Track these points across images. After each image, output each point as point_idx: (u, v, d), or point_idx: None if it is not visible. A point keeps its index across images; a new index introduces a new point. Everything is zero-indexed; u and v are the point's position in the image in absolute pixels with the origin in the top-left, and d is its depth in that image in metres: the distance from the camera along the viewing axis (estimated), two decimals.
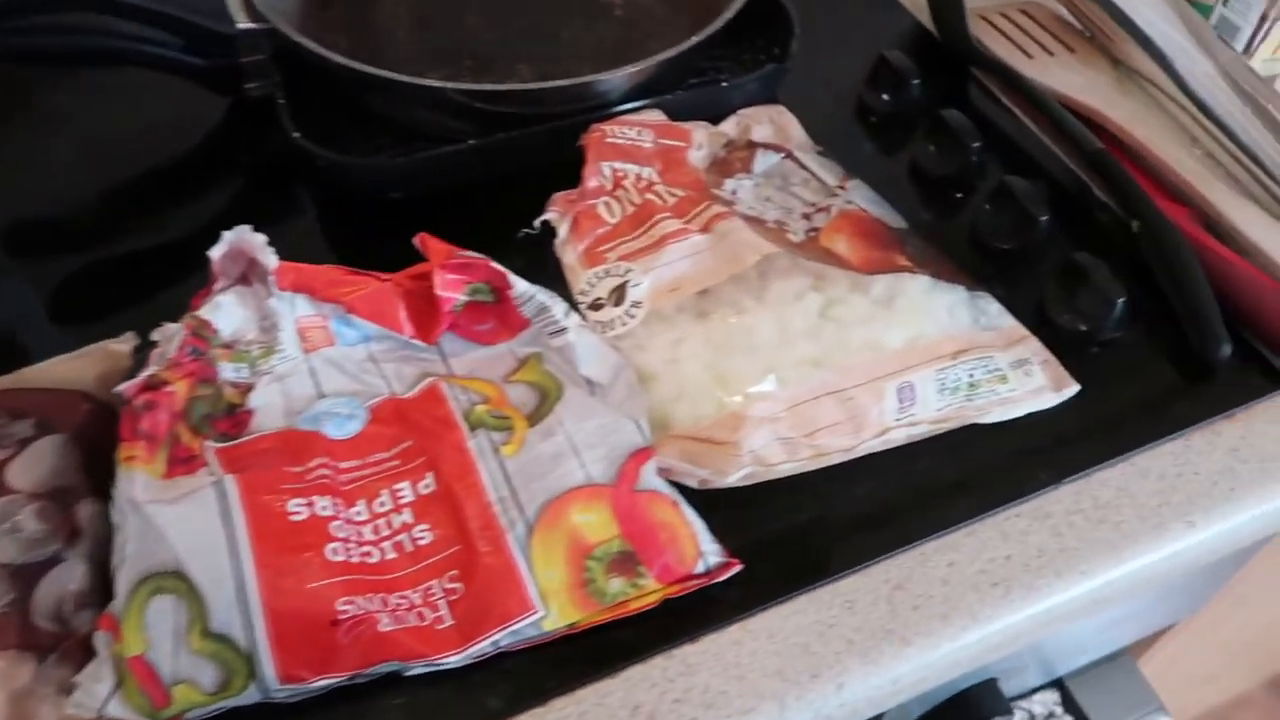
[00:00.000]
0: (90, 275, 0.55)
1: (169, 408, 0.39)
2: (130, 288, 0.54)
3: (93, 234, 0.57)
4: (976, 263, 0.52)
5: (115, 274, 0.55)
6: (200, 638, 0.36)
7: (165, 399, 0.39)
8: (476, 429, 0.42)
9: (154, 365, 0.40)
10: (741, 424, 0.41)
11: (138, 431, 0.38)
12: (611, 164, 0.49)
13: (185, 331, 0.41)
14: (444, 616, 0.39)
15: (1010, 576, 0.41)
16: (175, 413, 0.39)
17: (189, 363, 0.40)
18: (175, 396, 0.39)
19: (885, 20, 0.68)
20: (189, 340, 0.41)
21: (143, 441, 0.38)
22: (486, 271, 0.44)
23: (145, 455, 0.38)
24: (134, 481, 0.37)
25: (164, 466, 0.38)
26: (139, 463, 0.38)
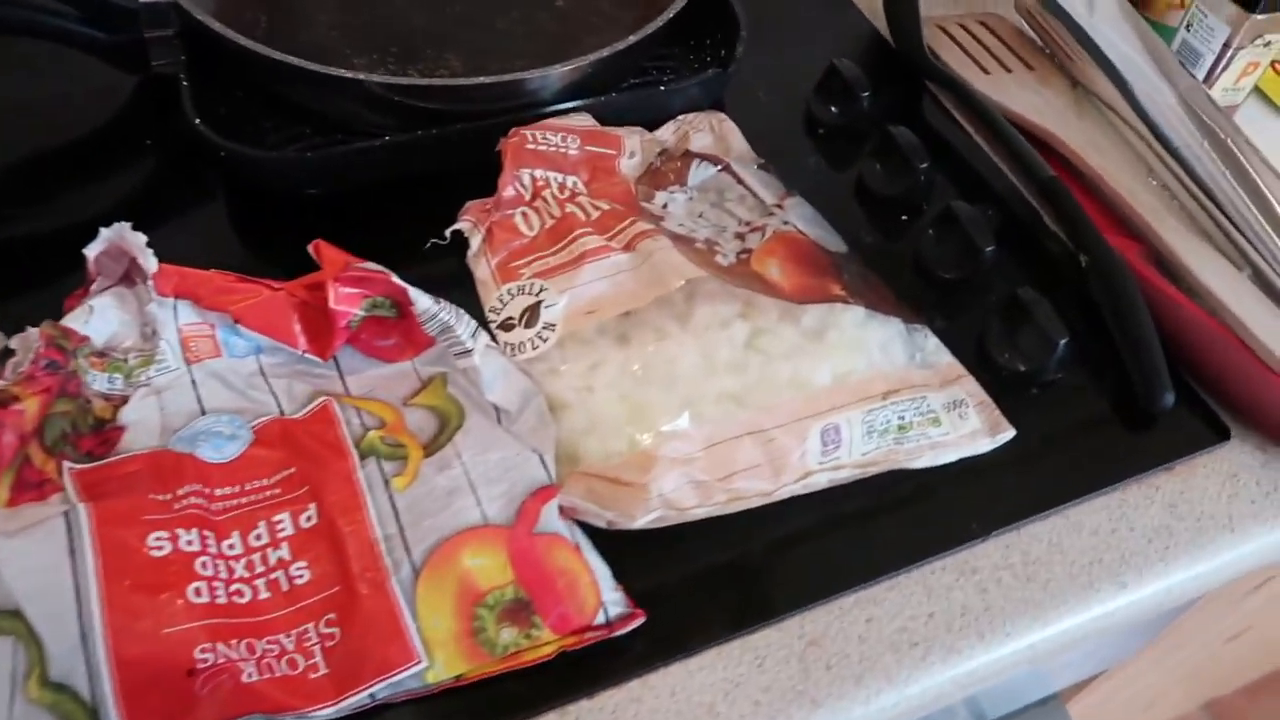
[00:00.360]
0: None
1: (16, 428, 0.35)
2: (15, 276, 0.50)
3: None
4: (918, 291, 0.49)
5: (7, 255, 0.51)
6: (39, 686, 0.32)
7: (12, 418, 0.35)
8: (367, 457, 0.39)
9: (3, 379, 0.36)
10: (652, 464, 0.38)
11: None
12: (531, 171, 0.46)
13: (41, 342, 0.37)
14: (318, 664, 0.35)
15: (931, 637, 0.39)
16: (25, 433, 0.36)
17: (44, 377, 0.37)
18: (24, 416, 0.35)
19: (840, 25, 0.65)
20: (45, 352, 0.37)
21: None
22: (386, 286, 0.41)
23: None
24: None
25: (7, 493, 0.35)
26: None
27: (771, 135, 0.56)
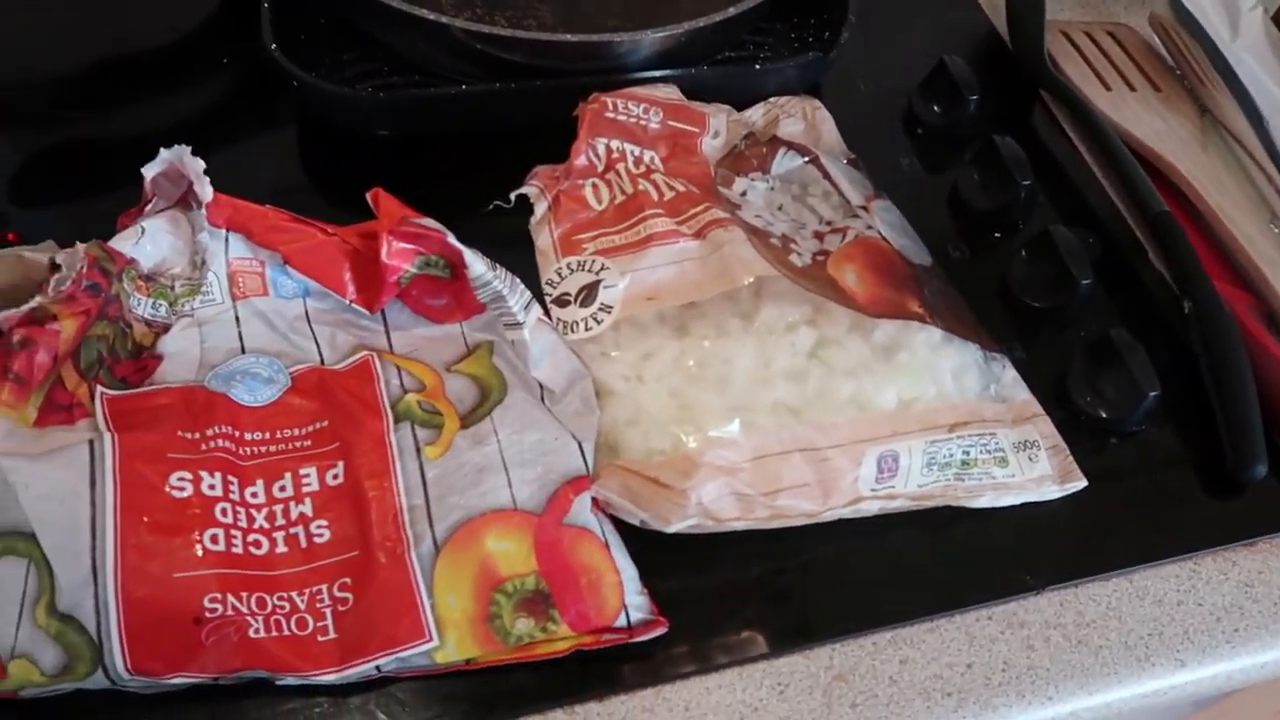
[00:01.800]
0: (42, 158, 0.50)
1: (50, 347, 0.34)
2: (75, 181, 0.49)
3: (48, 113, 0.52)
4: (1000, 316, 0.46)
5: (67, 161, 0.50)
6: (46, 613, 0.32)
7: (48, 337, 0.34)
8: (402, 421, 0.38)
9: (44, 295, 0.35)
10: (695, 470, 0.36)
11: (8, 372, 0.33)
12: (608, 141, 0.44)
13: (85, 262, 0.36)
14: (328, 627, 0.34)
15: (966, 689, 0.37)
16: (59, 353, 0.35)
17: (84, 298, 0.36)
18: (61, 336, 0.35)
19: (955, 19, 0.60)
20: (88, 273, 0.36)
21: (11, 384, 0.33)
22: (441, 245, 0.39)
23: (11, 399, 0.33)
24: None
25: (35, 413, 0.34)
26: (2, 407, 0.33)
27: (866, 129, 0.52)
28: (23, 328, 0.34)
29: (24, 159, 0.50)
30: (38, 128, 0.51)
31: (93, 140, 0.51)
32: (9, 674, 0.32)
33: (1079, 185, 0.53)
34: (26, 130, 0.51)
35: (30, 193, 0.49)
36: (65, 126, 0.51)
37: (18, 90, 0.53)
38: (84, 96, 0.53)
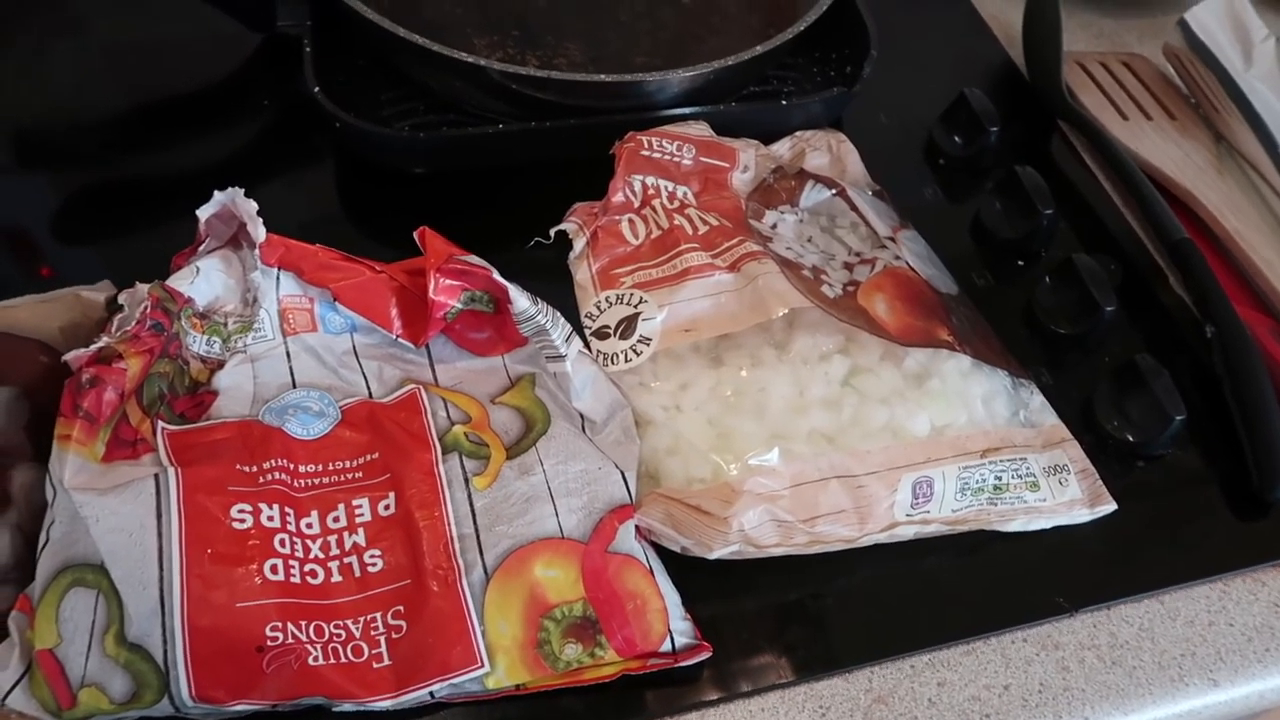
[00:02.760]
0: (88, 197, 0.52)
1: (118, 385, 0.36)
2: (125, 218, 0.51)
3: (99, 154, 0.54)
4: (1027, 342, 0.47)
5: (112, 201, 0.52)
6: (115, 642, 0.33)
7: (115, 376, 0.36)
8: (450, 452, 0.39)
9: (110, 335, 0.37)
10: (736, 498, 0.37)
11: (78, 409, 0.35)
12: (644, 178, 0.45)
13: (149, 302, 0.37)
14: (382, 654, 0.35)
15: (1004, 710, 0.37)
16: (124, 391, 0.36)
17: (148, 337, 0.37)
18: (127, 374, 0.36)
19: (974, 52, 0.62)
20: (152, 313, 0.37)
21: (82, 421, 0.35)
22: (487, 282, 0.40)
23: (82, 436, 0.35)
24: (65, 464, 0.34)
25: (103, 449, 0.35)
26: (73, 444, 0.34)
27: (889, 160, 0.54)
28: (91, 366, 0.35)
29: (68, 198, 0.52)
30: (82, 168, 0.53)
31: (134, 180, 0.53)
32: (79, 702, 0.33)
33: (1098, 213, 0.54)
34: (71, 170, 0.53)
35: (72, 230, 0.50)
36: (107, 167, 0.53)
37: (64, 132, 0.55)
38: (126, 138, 0.55)
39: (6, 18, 0.58)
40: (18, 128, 0.54)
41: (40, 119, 0.55)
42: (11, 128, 0.54)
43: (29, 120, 0.54)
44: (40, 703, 0.33)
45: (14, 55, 0.56)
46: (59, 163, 0.54)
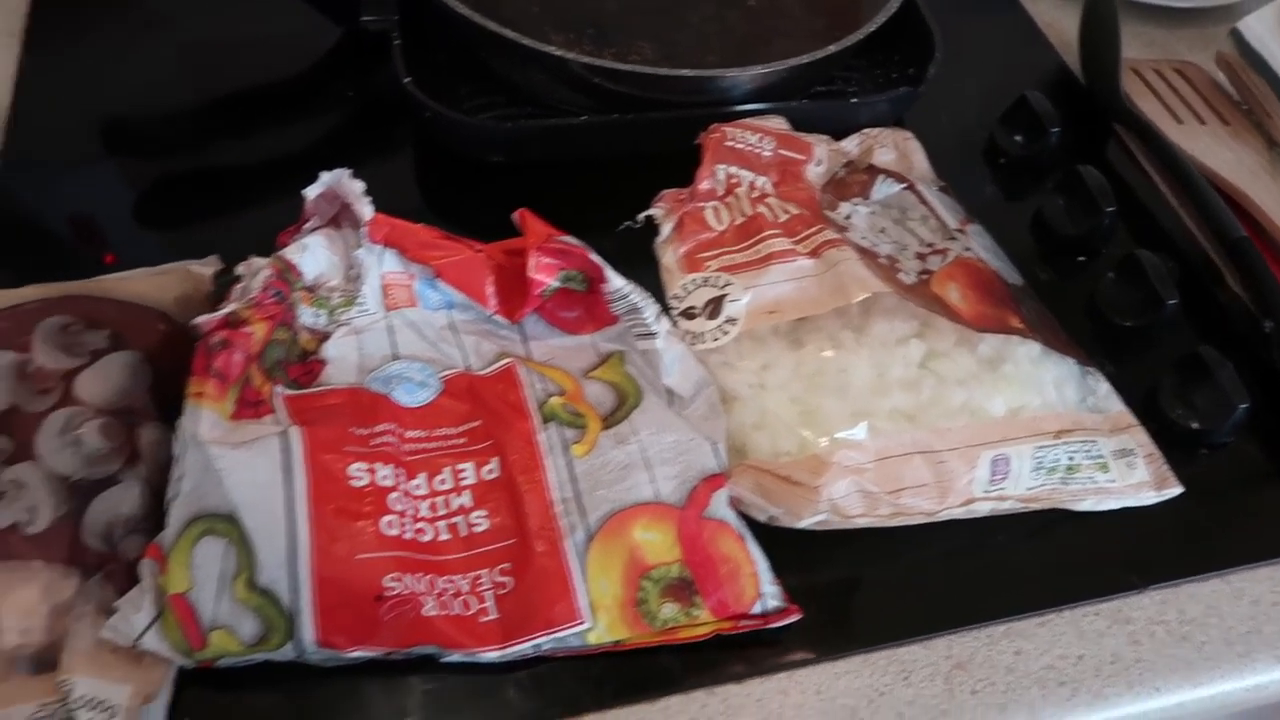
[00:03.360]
0: (177, 183, 0.54)
1: (245, 349, 0.38)
2: (212, 203, 0.53)
3: (183, 143, 0.56)
4: (1089, 335, 0.49)
5: (201, 186, 0.54)
6: (245, 588, 0.35)
7: (242, 340, 0.38)
8: (549, 421, 0.41)
9: (235, 302, 0.39)
10: (825, 469, 0.39)
11: (210, 369, 0.37)
12: (727, 168, 0.47)
13: (271, 272, 0.39)
14: (489, 609, 0.37)
15: (1078, 679, 0.39)
16: (250, 355, 0.38)
17: (270, 305, 0.39)
18: (252, 339, 0.38)
19: (1029, 58, 0.64)
20: (274, 282, 0.39)
21: (214, 380, 0.37)
22: (583, 261, 0.42)
23: (214, 394, 0.37)
24: (200, 419, 0.36)
25: (232, 407, 0.37)
26: (207, 400, 0.36)
27: (950, 159, 0.56)
28: (221, 330, 0.37)
29: (156, 183, 0.54)
30: (172, 156, 0.55)
31: (234, 166, 0.55)
32: (209, 643, 0.35)
33: (1154, 213, 0.56)
34: (162, 158, 0.55)
35: (158, 213, 0.53)
36: (198, 155, 0.55)
37: (156, 122, 0.57)
38: (214, 128, 0.57)
39: (101, 13, 0.61)
40: (110, 116, 0.56)
41: (134, 109, 0.57)
42: (103, 117, 0.56)
43: (123, 110, 0.56)
44: (172, 644, 0.35)
45: (107, 49, 0.59)
46: (150, 150, 0.56)
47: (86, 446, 0.38)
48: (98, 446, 0.38)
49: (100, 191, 0.53)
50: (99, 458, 0.38)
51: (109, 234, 0.52)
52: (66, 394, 0.39)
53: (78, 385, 0.39)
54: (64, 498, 0.37)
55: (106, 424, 0.38)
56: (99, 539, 0.37)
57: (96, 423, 0.38)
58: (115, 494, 0.37)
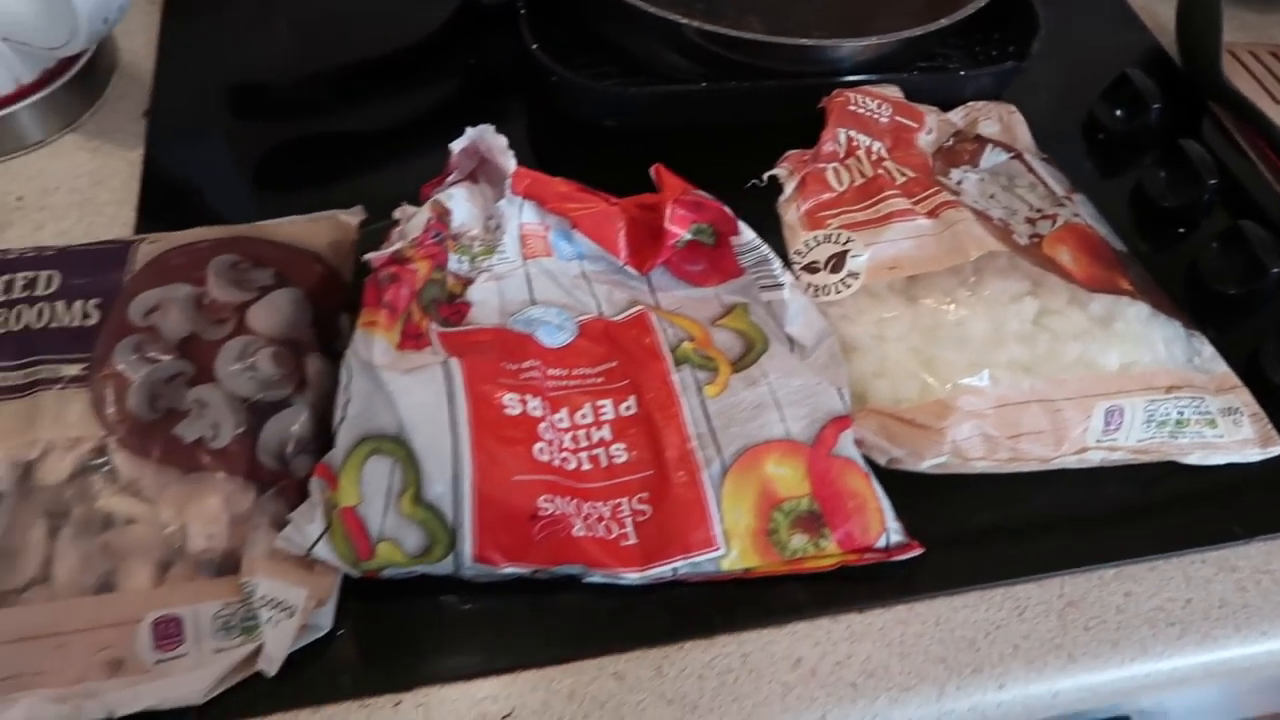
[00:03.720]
0: (299, 147, 0.57)
1: (410, 284, 0.40)
2: (346, 162, 0.56)
3: (314, 108, 0.59)
4: (1191, 302, 0.50)
5: (335, 147, 0.57)
6: (411, 503, 0.38)
7: (408, 275, 0.40)
8: (681, 364, 0.43)
9: (399, 242, 0.41)
10: (949, 413, 0.41)
11: (381, 301, 0.39)
12: (848, 131, 0.49)
13: (431, 215, 0.42)
14: (629, 534, 0.40)
15: (1187, 620, 0.41)
16: (413, 290, 0.41)
17: (431, 245, 0.42)
18: (416, 275, 0.41)
19: (1125, 39, 0.66)
20: (434, 224, 0.42)
21: (385, 310, 0.39)
22: (717, 214, 0.45)
23: (385, 324, 0.39)
24: (373, 346, 0.39)
25: (398, 338, 0.40)
26: (379, 329, 0.39)
27: (1050, 133, 0.57)
28: (390, 266, 0.40)
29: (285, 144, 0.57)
30: (300, 119, 0.58)
31: (356, 130, 0.58)
32: (376, 554, 0.38)
33: (1250, 188, 0.57)
34: (290, 121, 0.58)
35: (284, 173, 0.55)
36: (333, 117, 0.58)
37: (284, 89, 0.60)
38: (341, 94, 0.60)
39: None
40: (240, 83, 0.59)
41: (263, 75, 0.60)
42: (235, 82, 0.59)
43: (253, 76, 0.60)
44: (340, 554, 0.38)
45: (240, 17, 0.62)
46: (280, 114, 0.59)
47: (261, 372, 0.41)
48: (271, 372, 0.41)
49: (241, 150, 0.56)
50: (272, 382, 0.41)
51: (247, 191, 0.55)
52: (240, 324, 0.42)
53: (250, 317, 0.42)
54: (242, 417, 0.40)
55: (277, 352, 0.41)
56: (272, 457, 0.40)
57: (269, 350, 0.41)
58: (287, 416, 0.40)
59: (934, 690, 0.39)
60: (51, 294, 0.42)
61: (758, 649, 0.39)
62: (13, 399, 0.39)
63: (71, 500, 0.38)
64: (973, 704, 0.39)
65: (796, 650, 0.39)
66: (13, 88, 0.51)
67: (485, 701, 0.38)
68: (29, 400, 0.39)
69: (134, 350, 0.40)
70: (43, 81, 0.52)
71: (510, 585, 0.39)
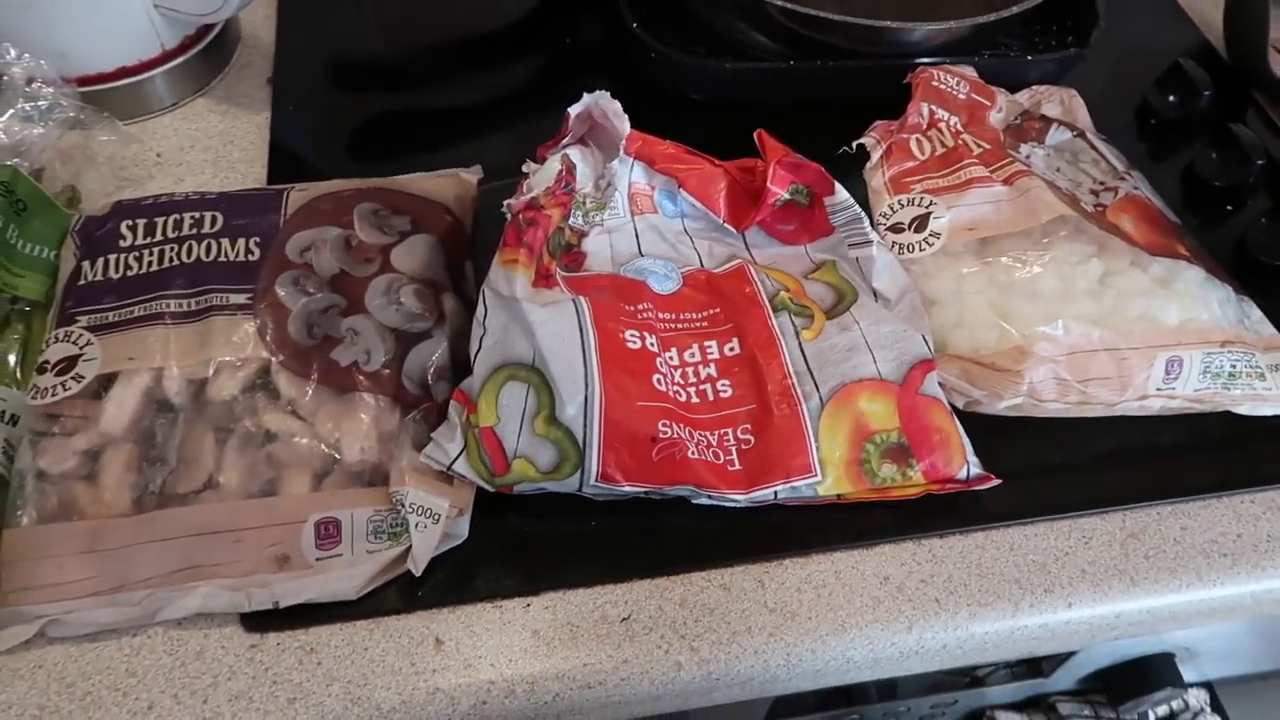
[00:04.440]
0: (406, 116, 0.61)
1: (545, 228, 0.45)
2: (437, 133, 0.60)
3: (414, 81, 0.64)
4: (1239, 271, 0.54)
5: (427, 119, 0.61)
6: (545, 423, 0.42)
7: (543, 220, 0.45)
8: (780, 311, 0.47)
9: (535, 190, 0.46)
10: (1027, 357, 0.45)
11: (522, 241, 0.44)
12: (930, 105, 0.53)
13: (562, 168, 0.46)
14: (734, 460, 0.44)
15: (1238, 552, 0.45)
16: (546, 234, 0.45)
17: (561, 195, 0.46)
18: (550, 220, 0.45)
19: (1173, 33, 0.70)
20: (565, 176, 0.46)
21: (524, 250, 0.44)
22: (815, 175, 0.49)
23: (525, 262, 0.44)
24: (515, 282, 0.43)
25: (533, 276, 0.44)
26: (520, 267, 0.43)
27: (1105, 118, 0.61)
28: (528, 210, 0.44)
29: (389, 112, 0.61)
30: (403, 91, 0.63)
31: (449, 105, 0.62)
32: (511, 470, 0.42)
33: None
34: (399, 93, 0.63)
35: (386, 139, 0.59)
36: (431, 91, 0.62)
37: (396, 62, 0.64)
38: (438, 66, 0.64)
39: None
40: (348, 56, 0.63)
41: (379, 49, 0.64)
42: (347, 56, 0.63)
43: (369, 50, 0.64)
44: (476, 470, 0.42)
45: None
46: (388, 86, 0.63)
47: (406, 306, 0.45)
48: (414, 307, 0.45)
49: (355, 116, 0.60)
50: (416, 315, 0.45)
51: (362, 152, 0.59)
52: (385, 263, 0.46)
53: (394, 257, 0.46)
54: (391, 345, 0.44)
55: (419, 289, 0.46)
56: (415, 384, 0.44)
57: (412, 287, 0.46)
58: (428, 346, 0.45)
59: (1009, 607, 0.43)
60: (217, 231, 0.46)
61: (849, 566, 0.43)
62: (188, 323, 0.43)
63: (240, 414, 0.42)
64: (1043, 621, 0.43)
65: (885, 569, 0.44)
66: (157, 52, 0.56)
67: (606, 605, 0.42)
68: (202, 325, 0.43)
69: (292, 284, 0.45)
70: (183, 48, 0.57)
71: (626, 505, 0.44)
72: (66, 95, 0.52)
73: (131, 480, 0.41)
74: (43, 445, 0.41)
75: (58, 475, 0.41)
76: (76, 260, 0.46)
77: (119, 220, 0.47)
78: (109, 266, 0.45)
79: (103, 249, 0.46)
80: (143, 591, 0.39)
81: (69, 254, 0.47)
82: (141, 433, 0.42)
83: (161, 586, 0.39)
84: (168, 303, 0.44)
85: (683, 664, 0.41)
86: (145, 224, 0.47)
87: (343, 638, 0.41)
